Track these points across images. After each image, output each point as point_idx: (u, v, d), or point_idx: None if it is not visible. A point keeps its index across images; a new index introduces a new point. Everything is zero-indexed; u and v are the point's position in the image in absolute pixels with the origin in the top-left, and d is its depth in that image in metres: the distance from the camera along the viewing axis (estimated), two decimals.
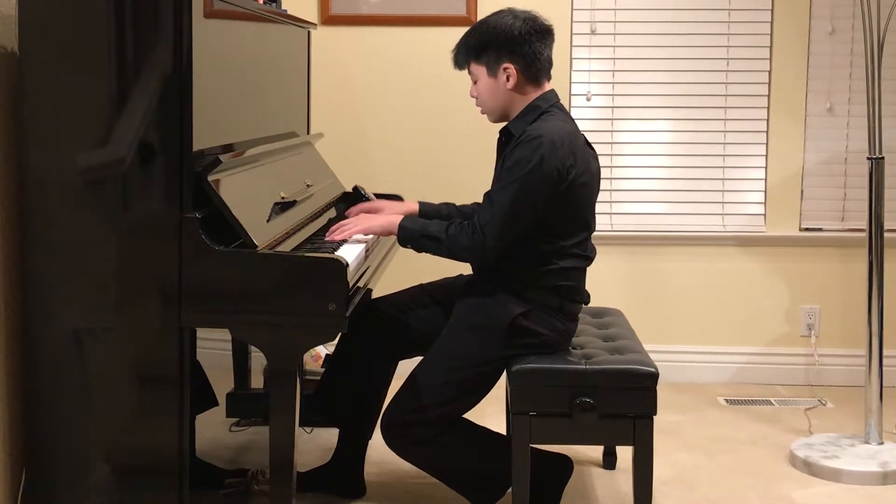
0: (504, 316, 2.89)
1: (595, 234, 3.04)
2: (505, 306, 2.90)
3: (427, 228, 2.92)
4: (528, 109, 2.94)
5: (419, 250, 2.97)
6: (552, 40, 2.97)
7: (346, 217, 3.20)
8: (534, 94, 2.95)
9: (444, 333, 2.97)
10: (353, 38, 4.37)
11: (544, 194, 2.82)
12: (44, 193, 2.54)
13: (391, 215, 3.07)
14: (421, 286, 3.24)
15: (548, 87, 2.98)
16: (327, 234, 2.99)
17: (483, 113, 3.03)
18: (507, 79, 2.92)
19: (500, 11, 2.96)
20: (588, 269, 3.03)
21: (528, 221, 2.85)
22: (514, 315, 2.88)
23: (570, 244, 2.92)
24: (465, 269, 3.17)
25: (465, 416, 2.98)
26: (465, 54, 2.97)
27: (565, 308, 2.96)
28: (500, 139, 3.03)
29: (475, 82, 2.99)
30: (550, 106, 2.94)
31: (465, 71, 3.02)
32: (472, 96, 3.01)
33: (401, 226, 2.95)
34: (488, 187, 2.93)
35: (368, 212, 3.23)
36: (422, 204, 3.27)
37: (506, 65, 2.91)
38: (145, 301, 2.52)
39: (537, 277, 2.92)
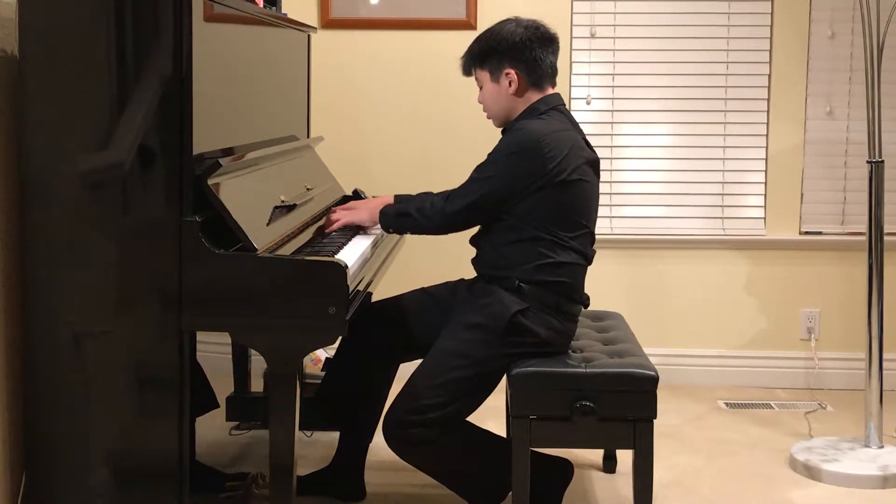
0: (502, 314, 2.90)
1: (594, 236, 3.04)
2: (503, 304, 2.91)
3: (401, 208, 3.08)
4: (528, 111, 2.99)
5: (400, 232, 3.14)
6: (556, 48, 3.04)
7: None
8: (535, 98, 3.00)
9: (444, 333, 2.98)
10: (353, 41, 4.38)
11: (515, 180, 2.88)
12: (44, 197, 2.54)
13: (374, 206, 3.16)
14: (422, 289, 3.25)
15: (551, 91, 3.02)
16: (326, 228, 3.13)
17: (489, 118, 3.09)
18: (509, 84, 2.98)
19: (506, 20, 3.05)
20: (588, 272, 3.04)
21: (495, 202, 2.91)
22: (512, 312, 2.89)
23: (568, 237, 2.93)
24: (466, 272, 3.17)
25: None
26: (470, 61, 3.07)
27: (563, 307, 2.97)
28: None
29: (480, 88, 3.06)
30: (550, 108, 2.99)
31: (466, 76, 3.10)
32: (479, 102, 3.09)
33: (381, 212, 3.09)
34: None
35: (347, 210, 3.25)
36: (397, 197, 3.29)
37: (507, 70, 2.98)
38: (145, 304, 2.52)
39: (535, 271, 2.92)
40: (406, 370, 3.10)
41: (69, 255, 2.54)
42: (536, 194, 2.88)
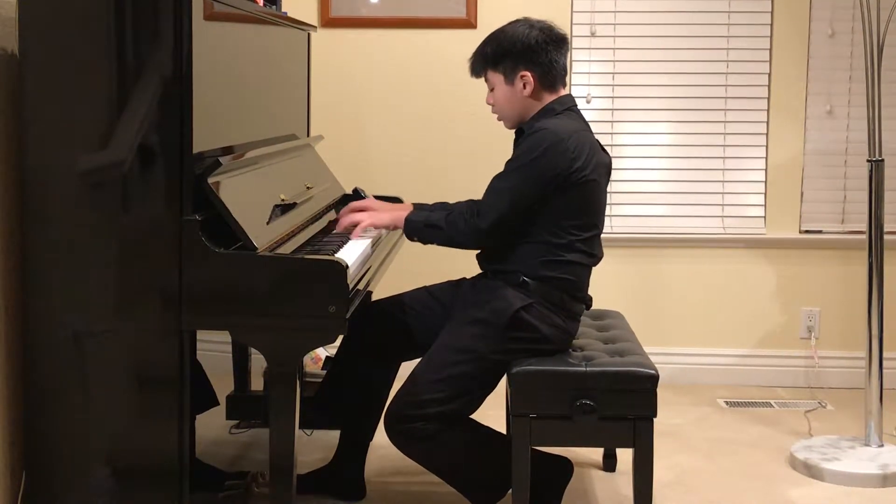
0: (505, 309, 2.90)
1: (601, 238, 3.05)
2: (506, 300, 2.92)
3: (429, 218, 3.00)
4: (543, 111, 3.00)
5: (425, 242, 3.05)
6: (567, 49, 3.04)
7: (338, 218, 3.20)
8: (549, 99, 3.01)
9: (446, 328, 2.99)
10: (353, 40, 4.38)
11: (543, 183, 2.86)
12: (44, 196, 2.54)
13: (397, 210, 3.12)
14: (424, 288, 3.25)
15: (563, 92, 3.04)
16: (337, 227, 3.10)
17: (500, 120, 3.09)
18: (524, 86, 2.98)
19: (517, 21, 3.03)
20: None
21: (524, 208, 2.89)
22: (515, 308, 2.89)
23: (576, 238, 2.93)
24: (467, 271, 3.17)
25: None
26: (481, 63, 3.04)
27: (567, 305, 2.97)
28: (515, 139, 3.08)
29: (492, 90, 3.04)
30: (565, 109, 3.01)
31: (474, 78, 3.07)
32: (489, 103, 3.07)
33: (406, 219, 3.02)
34: None
35: (361, 209, 3.20)
36: (416, 206, 3.27)
37: (523, 73, 2.97)
38: (145, 303, 2.53)
39: (540, 267, 2.93)
40: (407, 369, 3.10)
41: (69, 255, 2.55)
42: (556, 193, 2.88)
